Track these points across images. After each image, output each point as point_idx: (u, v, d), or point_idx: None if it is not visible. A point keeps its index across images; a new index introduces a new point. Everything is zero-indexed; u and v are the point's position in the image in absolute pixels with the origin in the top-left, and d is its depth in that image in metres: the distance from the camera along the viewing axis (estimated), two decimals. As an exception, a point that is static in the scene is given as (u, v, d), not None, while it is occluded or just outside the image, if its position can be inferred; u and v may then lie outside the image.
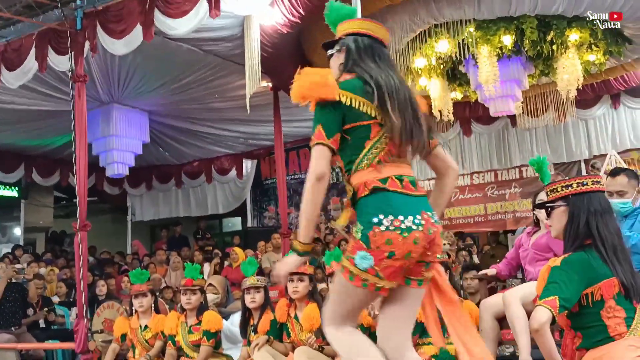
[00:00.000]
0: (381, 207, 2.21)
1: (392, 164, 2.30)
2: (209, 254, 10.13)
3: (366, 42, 2.44)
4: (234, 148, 12.26)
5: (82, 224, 6.21)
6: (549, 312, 2.37)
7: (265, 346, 4.45)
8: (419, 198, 2.30)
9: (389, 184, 2.25)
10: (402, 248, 2.17)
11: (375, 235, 2.18)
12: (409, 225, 2.19)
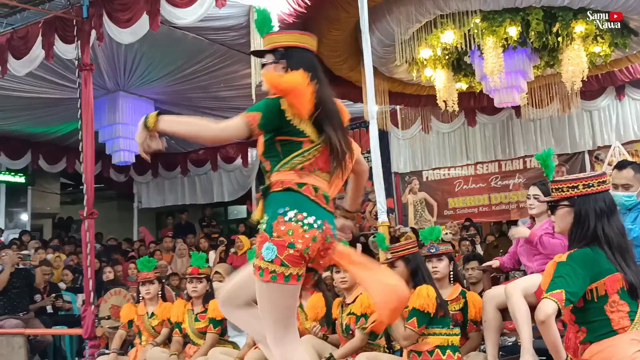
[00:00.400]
0: (289, 201, 2.30)
1: (314, 175, 2.39)
2: (215, 241, 10.17)
3: (308, 58, 2.49)
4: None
5: (89, 211, 6.24)
6: (555, 305, 2.38)
7: (270, 334, 4.48)
8: (327, 211, 2.39)
9: (304, 189, 2.34)
10: (301, 240, 2.25)
11: (278, 224, 2.26)
12: (311, 222, 2.28)
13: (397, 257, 3.76)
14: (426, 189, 11.26)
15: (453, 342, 3.60)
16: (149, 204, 13.78)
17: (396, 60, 7.54)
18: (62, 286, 8.36)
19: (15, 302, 7.23)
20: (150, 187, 13.72)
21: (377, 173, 5.58)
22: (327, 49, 7.85)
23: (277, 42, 2.51)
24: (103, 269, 8.06)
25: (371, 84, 5.62)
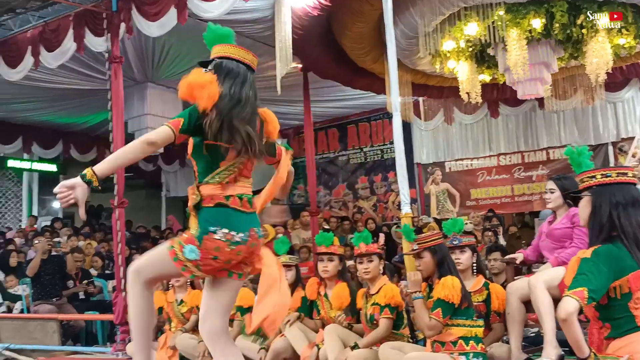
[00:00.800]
0: (220, 219, 2.53)
1: (239, 184, 2.63)
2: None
3: (232, 67, 2.66)
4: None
5: (119, 201, 6.31)
6: (576, 303, 2.36)
7: (296, 322, 4.52)
8: (251, 215, 2.63)
9: (231, 202, 2.57)
10: (226, 256, 2.53)
11: (209, 240, 2.50)
12: (238, 240, 2.54)
13: (423, 248, 3.75)
14: (449, 179, 11.21)
15: (477, 333, 3.60)
16: (177, 193, 13.92)
17: (419, 52, 7.50)
18: (93, 273, 8.50)
19: (48, 288, 7.38)
20: (178, 176, 13.85)
21: (401, 164, 5.54)
22: (351, 42, 7.83)
23: (215, 54, 2.73)
24: (132, 256, 8.16)
25: (395, 76, 5.59)
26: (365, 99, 10.63)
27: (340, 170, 12.51)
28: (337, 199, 12.44)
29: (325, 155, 12.59)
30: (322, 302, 4.61)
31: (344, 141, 12.43)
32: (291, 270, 4.88)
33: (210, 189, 2.56)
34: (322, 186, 12.24)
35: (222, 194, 2.56)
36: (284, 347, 4.44)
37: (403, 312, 4.17)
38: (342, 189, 12.42)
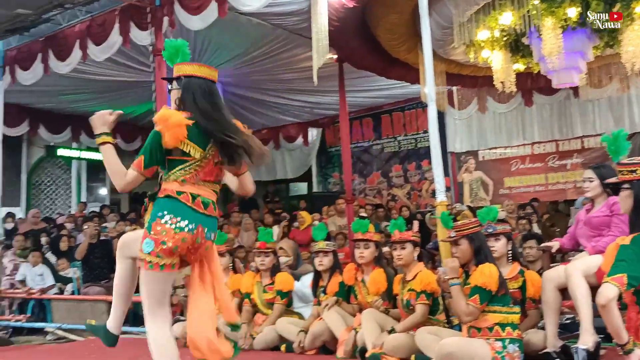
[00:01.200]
0: (168, 207, 2.65)
1: (195, 185, 2.72)
2: (278, 216, 10.31)
3: (199, 85, 2.80)
4: (300, 117, 12.35)
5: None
6: (616, 289, 2.33)
7: (334, 306, 4.56)
8: (205, 216, 2.72)
9: (182, 197, 2.67)
10: (172, 240, 2.61)
11: (156, 225, 2.63)
12: (182, 226, 2.63)
13: (460, 236, 3.73)
14: (482, 168, 11.07)
15: (513, 320, 3.57)
16: (217, 180, 14.10)
17: (454, 42, 7.39)
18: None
19: (97, 270, 7.57)
20: (218, 165, 14.01)
21: (436, 153, 5.51)
22: (385, 32, 7.77)
23: (180, 72, 2.87)
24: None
25: (430, 67, 5.54)
26: (399, 89, 10.55)
27: (375, 158, 12.47)
28: (371, 187, 12.43)
29: (360, 144, 12.57)
30: (360, 287, 4.63)
31: (378, 130, 12.38)
32: (328, 256, 4.90)
33: (167, 184, 2.72)
34: (356, 174, 12.23)
35: (175, 190, 2.69)
36: (323, 330, 4.49)
37: (439, 298, 4.16)
38: (376, 177, 12.39)
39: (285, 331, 4.79)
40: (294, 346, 4.61)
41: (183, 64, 2.91)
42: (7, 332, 7.47)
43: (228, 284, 5.36)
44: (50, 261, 8.34)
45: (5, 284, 8.12)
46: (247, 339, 4.89)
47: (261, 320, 5.05)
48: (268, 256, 5.20)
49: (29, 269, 8.05)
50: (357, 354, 4.20)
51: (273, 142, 12.96)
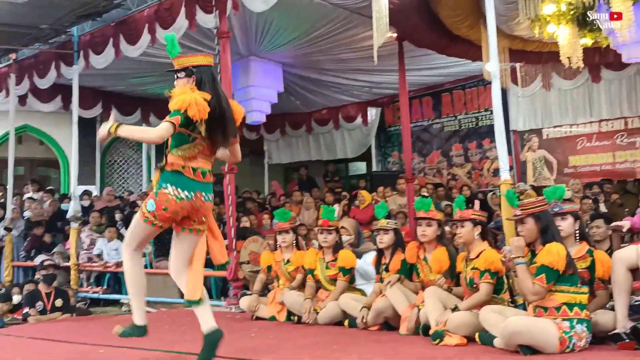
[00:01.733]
0: (172, 180, 3.24)
1: (197, 160, 3.29)
2: (338, 195, 10.34)
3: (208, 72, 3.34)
4: (360, 97, 12.27)
5: (230, 167, 6.54)
6: None
7: (396, 284, 4.55)
8: (202, 184, 3.31)
9: (185, 171, 3.26)
10: (173, 207, 3.24)
11: (161, 194, 3.24)
12: (182, 196, 3.24)
13: (526, 214, 3.63)
14: (546, 146, 10.70)
15: (581, 300, 3.46)
16: (279, 160, 14.26)
17: (518, 17, 7.13)
18: (206, 233, 8.88)
19: (168, 246, 7.79)
20: (280, 144, 14.15)
21: (500, 131, 5.38)
22: (447, 9, 7.57)
23: (189, 63, 3.36)
24: (240, 219, 8.46)
25: (494, 43, 5.38)
26: (460, 67, 10.29)
27: (434, 137, 12.27)
28: (431, 166, 12.26)
29: (420, 123, 12.38)
30: (422, 265, 4.60)
31: (438, 109, 12.15)
32: (388, 234, 4.88)
33: (174, 158, 3.27)
34: (416, 153, 12.08)
35: (180, 164, 3.25)
36: (386, 306, 4.49)
37: (503, 277, 4.08)
38: (436, 157, 12.20)
39: (348, 307, 4.82)
40: (357, 322, 4.64)
41: (189, 56, 3.41)
42: (86, 303, 7.87)
43: (292, 260, 5.43)
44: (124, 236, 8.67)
45: (83, 258, 8.50)
46: (311, 313, 4.96)
47: (324, 296, 5.10)
48: (330, 234, 5.23)
49: (105, 244, 8.40)
50: (419, 330, 4.19)
51: (332, 122, 12.95)
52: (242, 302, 5.70)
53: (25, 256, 9.36)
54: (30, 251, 9.30)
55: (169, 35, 3.40)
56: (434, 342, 3.84)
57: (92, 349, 4.03)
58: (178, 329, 5.03)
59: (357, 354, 3.58)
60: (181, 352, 3.81)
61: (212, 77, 3.33)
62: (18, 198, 10.38)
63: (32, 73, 9.31)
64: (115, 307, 7.76)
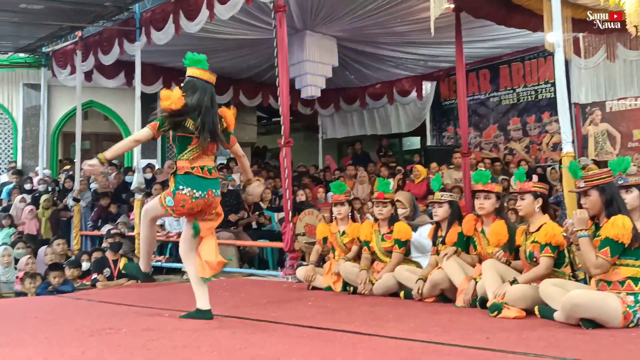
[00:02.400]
0: (186, 182, 3.74)
1: (201, 159, 3.78)
2: (393, 170, 10.26)
3: (200, 84, 3.79)
4: (414, 70, 12.07)
5: (285, 140, 6.57)
6: None
7: (453, 256, 4.49)
8: (210, 180, 3.82)
9: (195, 171, 3.76)
10: (189, 205, 3.76)
11: (179, 194, 3.75)
12: (197, 195, 3.75)
13: (590, 186, 3.50)
14: (609, 120, 10.26)
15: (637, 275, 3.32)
16: (333, 134, 14.24)
17: (583, -16, 6.81)
18: (263, 205, 9.02)
19: (226, 218, 7.95)
20: (334, 119, 14.11)
21: (562, 103, 5.21)
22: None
23: (189, 73, 3.86)
24: (296, 192, 8.53)
25: (558, 12, 5.19)
26: (519, 38, 9.94)
27: (491, 111, 11.95)
28: (487, 141, 11.98)
29: (476, 96, 12.08)
30: (479, 238, 4.52)
31: (495, 82, 11.80)
32: (442, 207, 4.81)
33: (182, 163, 3.77)
34: (472, 128, 11.82)
35: (189, 166, 3.75)
36: (442, 278, 4.45)
37: (564, 250, 3.96)
38: (492, 131, 11.90)
39: (404, 278, 4.81)
40: (413, 293, 4.62)
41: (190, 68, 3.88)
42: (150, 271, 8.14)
43: (347, 232, 5.45)
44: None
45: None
46: (366, 284, 4.97)
47: (380, 268, 5.10)
48: (386, 206, 5.19)
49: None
50: (476, 303, 4.14)
51: (387, 96, 12.81)
52: (298, 272, 5.77)
53: (93, 225, 9.77)
54: (97, 221, 9.70)
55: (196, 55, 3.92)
56: (491, 314, 3.79)
57: (157, 312, 4.17)
58: (237, 295, 5.15)
59: (413, 324, 3.57)
60: (242, 318, 3.89)
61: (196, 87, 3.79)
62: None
63: (96, 50, 9.59)
64: (177, 275, 8.01)
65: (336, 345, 3.00)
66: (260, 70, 11.61)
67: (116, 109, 12.72)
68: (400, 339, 3.10)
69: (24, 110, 12.47)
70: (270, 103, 12.65)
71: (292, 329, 3.50)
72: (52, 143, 12.65)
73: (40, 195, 10.29)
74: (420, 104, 12.72)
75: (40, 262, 7.55)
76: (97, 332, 3.39)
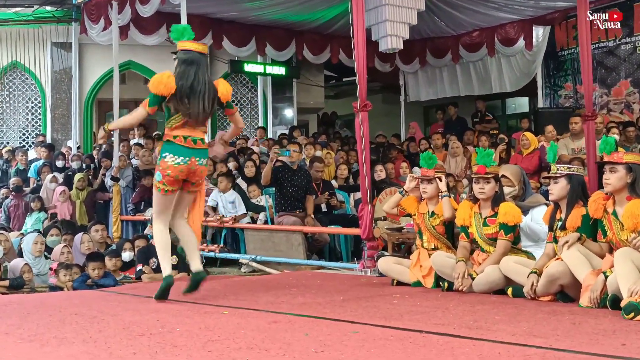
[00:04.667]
0: (169, 149, 4.73)
1: (185, 128, 4.75)
2: (494, 138, 10.10)
3: (190, 57, 4.78)
4: (522, 12, 11.75)
5: (362, 103, 6.56)
6: None
7: (576, 245, 4.40)
8: (194, 149, 4.76)
9: (177, 140, 4.72)
10: (173, 171, 4.72)
11: (162, 162, 4.75)
12: (179, 161, 4.71)
13: None
14: None
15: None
16: (418, 97, 14.10)
17: None
18: (334, 184, 9.09)
19: (290, 199, 8.03)
20: (418, 78, 13.96)
21: None
22: None
23: (180, 47, 4.83)
24: (374, 167, 8.54)
25: None
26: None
27: (623, 62, 11.51)
28: (617, 100, 11.56)
29: (603, 44, 11.65)
30: (610, 221, 4.39)
31: (628, 25, 11.31)
32: (559, 183, 4.69)
33: (166, 131, 4.82)
34: (597, 84, 11.43)
35: (172, 135, 4.74)
36: (562, 271, 4.36)
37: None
38: (624, 87, 11.47)
39: (513, 272, 4.75)
40: (525, 290, 4.56)
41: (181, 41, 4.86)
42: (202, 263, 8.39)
43: (437, 213, 5.43)
44: (241, 187, 9.11)
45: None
46: (465, 278, 4.95)
47: (482, 259, 5.06)
48: (489, 182, 5.12)
49: (220, 195, 8.87)
50: (607, 302, 4.05)
51: (486, 46, 12.55)
52: (381, 263, 5.81)
53: (134, 209, 10.10)
54: (139, 203, 10.02)
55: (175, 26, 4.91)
56: (627, 316, 3.69)
57: (215, 309, 4.33)
58: (307, 291, 5.25)
59: (526, 327, 3.53)
60: (315, 317, 3.98)
61: (191, 61, 4.75)
62: (125, 144, 11.21)
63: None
64: (234, 268, 8.24)
65: (431, 351, 3.02)
66: (328, 19, 11.63)
67: (158, 70, 12.96)
68: (512, 344, 3.08)
69: (53, 75, 13.04)
70: (341, 59, 12.66)
71: (376, 330, 3.55)
72: (86, 112, 13.19)
73: (73, 174, 10.76)
74: (529, 56, 12.39)
75: (76, 251, 7.93)
76: (148, 331, 3.56)
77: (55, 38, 13.01)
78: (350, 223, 7.77)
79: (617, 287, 3.97)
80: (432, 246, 5.50)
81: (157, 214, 4.93)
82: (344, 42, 11.78)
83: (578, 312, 4.02)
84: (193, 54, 4.79)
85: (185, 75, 4.69)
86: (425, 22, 11.30)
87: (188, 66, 4.72)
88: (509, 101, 15.02)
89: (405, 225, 6.71)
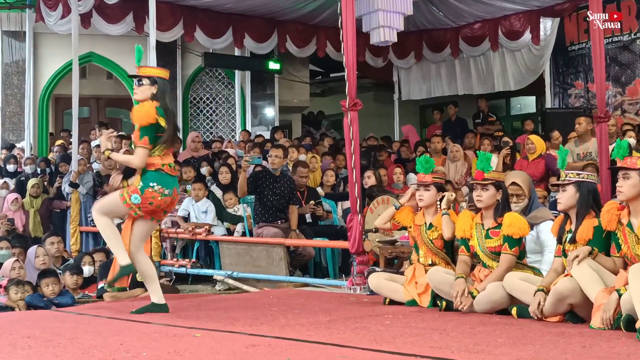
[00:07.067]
0: (157, 179, 5.05)
1: (167, 157, 5.18)
2: (498, 141, 10.15)
3: (166, 84, 5.30)
4: (529, 3, 11.88)
5: (351, 102, 6.58)
6: None
7: (587, 260, 4.44)
8: (174, 178, 5.23)
9: (164, 168, 5.08)
10: (157, 202, 5.05)
11: (148, 192, 5.01)
12: (166, 193, 5.06)
13: None
14: None
15: None
16: (412, 95, 14.15)
17: None
18: (320, 192, 9.08)
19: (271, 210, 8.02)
20: (413, 74, 14.03)
21: None
22: None
23: (153, 73, 5.26)
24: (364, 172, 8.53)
25: None
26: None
27: (638, 59, 11.66)
28: (632, 100, 11.70)
29: (616, 38, 11.79)
30: (624, 233, 4.44)
31: (644, 17, 11.51)
32: (567, 191, 4.73)
33: (152, 159, 5.06)
34: (610, 82, 11.56)
35: (160, 163, 5.06)
36: (571, 289, 4.40)
37: None
38: (640, 86, 11.63)
39: (518, 289, 4.78)
40: (530, 310, 4.59)
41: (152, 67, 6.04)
42: (170, 280, 8.38)
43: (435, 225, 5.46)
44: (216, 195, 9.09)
45: (166, 222, 8.94)
46: (465, 297, 4.97)
47: (483, 275, 5.09)
48: (487, 189, 5.15)
49: (192, 204, 8.85)
50: (620, 323, 4.08)
51: (489, 39, 12.67)
52: (372, 280, 5.82)
53: (95, 219, 10.03)
54: (101, 213, 9.96)
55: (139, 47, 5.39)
56: (642, 338, 3.75)
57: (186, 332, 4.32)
58: (289, 311, 5.25)
59: (532, 351, 3.56)
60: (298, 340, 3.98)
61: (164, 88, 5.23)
62: (85, 146, 11.17)
63: (96, -16, 9.85)
64: (207, 285, 8.22)
65: (427, 377, 3.04)
66: (313, 8, 11.65)
67: (123, 63, 12.98)
68: (516, 370, 3.11)
69: (4, 67, 12.99)
70: (328, 53, 12.70)
71: (367, 354, 3.55)
72: (41, 110, 13.12)
73: (27, 180, 10.70)
74: (536, 51, 12.51)
75: (29, 266, 7.87)
76: (111, 356, 3.54)
77: (6, 26, 12.96)
78: (337, 235, 7.79)
79: (632, 306, 4.00)
80: (429, 261, 5.53)
81: (102, 209, 5.24)
82: (332, 33, 11.87)
83: (589, 334, 4.05)
84: (164, 81, 5.29)
85: (164, 102, 5.15)
86: (421, 13, 11.39)
87: (163, 92, 5.20)
88: (514, 101, 15.13)
89: (399, 238, 6.70)
